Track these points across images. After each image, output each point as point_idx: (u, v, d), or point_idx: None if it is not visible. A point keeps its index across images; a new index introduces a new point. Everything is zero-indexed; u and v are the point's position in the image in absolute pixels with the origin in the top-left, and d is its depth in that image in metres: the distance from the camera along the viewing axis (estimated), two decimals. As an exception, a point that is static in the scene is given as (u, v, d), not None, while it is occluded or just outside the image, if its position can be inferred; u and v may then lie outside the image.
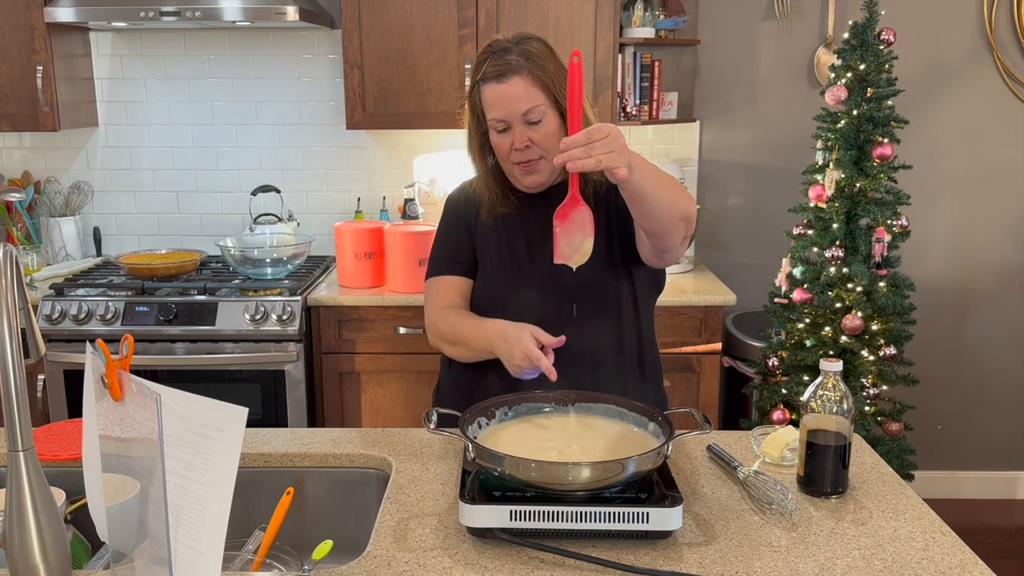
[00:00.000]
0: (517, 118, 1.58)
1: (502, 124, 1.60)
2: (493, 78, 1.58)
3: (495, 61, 1.58)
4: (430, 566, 1.20)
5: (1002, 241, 3.39)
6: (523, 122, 1.58)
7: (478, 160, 1.71)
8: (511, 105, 1.57)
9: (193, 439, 0.96)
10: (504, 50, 1.59)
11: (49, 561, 1.04)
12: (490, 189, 1.71)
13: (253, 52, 3.28)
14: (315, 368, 2.88)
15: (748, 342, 3.04)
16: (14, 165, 3.38)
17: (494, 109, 1.59)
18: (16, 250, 1.32)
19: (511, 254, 1.71)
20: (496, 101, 1.58)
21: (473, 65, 1.65)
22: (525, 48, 1.59)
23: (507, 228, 1.72)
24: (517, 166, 1.63)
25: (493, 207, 1.71)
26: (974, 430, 3.52)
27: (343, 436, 1.65)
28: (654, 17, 3.11)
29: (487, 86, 1.59)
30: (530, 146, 1.59)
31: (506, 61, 1.57)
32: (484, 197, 1.72)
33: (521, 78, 1.57)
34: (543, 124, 1.59)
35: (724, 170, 3.38)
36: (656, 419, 1.40)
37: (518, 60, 1.57)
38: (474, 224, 1.75)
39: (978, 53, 3.26)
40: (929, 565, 1.19)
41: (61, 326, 2.74)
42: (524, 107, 1.57)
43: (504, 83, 1.57)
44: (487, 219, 1.73)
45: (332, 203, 3.40)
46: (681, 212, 1.47)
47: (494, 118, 1.60)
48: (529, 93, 1.57)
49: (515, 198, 1.71)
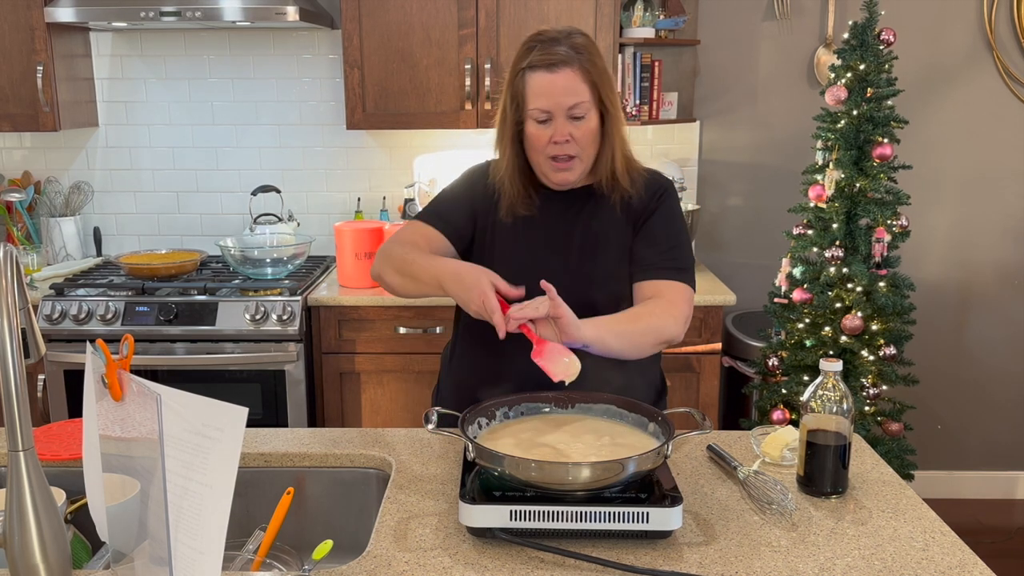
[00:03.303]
0: (562, 111, 1.54)
1: (545, 115, 1.55)
2: (543, 67, 1.54)
3: (545, 50, 1.54)
4: (430, 566, 1.20)
5: (1002, 241, 3.39)
6: (566, 116, 1.55)
7: (509, 151, 1.64)
8: (558, 96, 1.54)
9: (193, 439, 0.96)
10: (553, 40, 1.55)
11: (49, 561, 1.04)
12: (513, 184, 1.65)
13: (253, 52, 3.28)
14: (315, 368, 2.88)
15: (748, 342, 3.04)
16: (14, 165, 3.38)
17: (539, 98, 1.55)
18: (16, 250, 1.32)
19: (530, 256, 1.66)
20: (543, 90, 1.54)
21: (519, 53, 1.60)
22: (575, 42, 1.56)
23: (527, 229, 1.67)
24: (551, 160, 1.59)
25: (513, 206, 1.66)
26: (974, 430, 3.52)
27: (343, 436, 1.65)
28: (654, 17, 3.11)
29: (535, 74, 1.55)
30: (569, 141, 1.56)
31: (557, 52, 1.54)
32: (507, 191, 1.66)
33: (572, 71, 1.53)
34: (585, 121, 1.56)
35: (724, 170, 3.38)
36: (656, 419, 1.40)
37: (569, 52, 1.54)
38: (487, 214, 1.70)
39: (978, 53, 3.26)
40: (929, 565, 1.19)
41: (61, 326, 2.74)
42: (571, 100, 1.54)
43: (554, 73, 1.53)
44: (506, 218, 1.67)
45: (332, 203, 3.40)
46: (654, 345, 1.54)
47: (537, 107, 1.55)
48: (577, 87, 1.54)
49: (537, 198, 1.67)
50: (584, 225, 1.67)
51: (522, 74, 1.57)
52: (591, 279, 1.65)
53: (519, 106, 1.58)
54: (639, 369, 1.64)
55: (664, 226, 1.67)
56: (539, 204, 1.67)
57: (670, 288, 1.62)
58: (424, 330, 2.84)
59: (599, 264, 1.66)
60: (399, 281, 1.64)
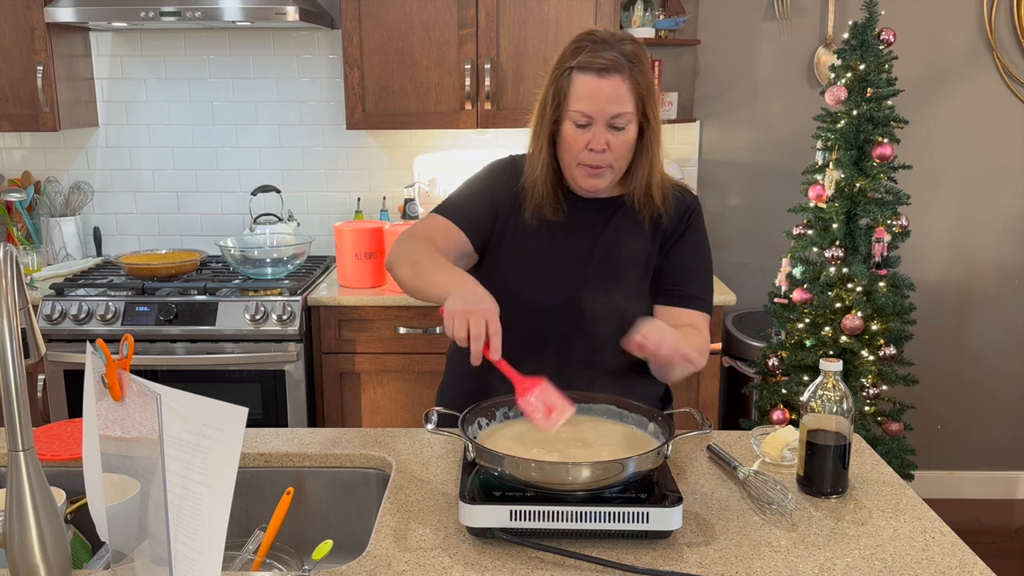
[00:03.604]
0: (604, 118, 1.50)
1: (586, 119, 1.51)
2: (593, 70, 1.49)
3: (597, 52, 1.49)
4: (430, 566, 1.20)
5: (1002, 241, 3.39)
6: (608, 124, 1.51)
7: (545, 151, 1.59)
8: (604, 104, 1.49)
9: (193, 439, 0.96)
10: (605, 42, 1.50)
11: (49, 561, 1.04)
12: (545, 186, 1.60)
13: (253, 52, 3.28)
14: (315, 368, 2.88)
15: (748, 342, 3.04)
16: (14, 165, 3.38)
17: (584, 102, 1.50)
18: (16, 250, 1.32)
19: (551, 262, 1.63)
20: (589, 94, 1.50)
21: (568, 49, 1.54)
22: (628, 49, 1.51)
23: (551, 234, 1.63)
24: (583, 166, 1.55)
25: (541, 208, 1.61)
26: (974, 430, 3.52)
27: (343, 436, 1.65)
28: (654, 17, 3.11)
29: (584, 76, 1.50)
30: (605, 150, 1.52)
31: (610, 57, 1.49)
32: (536, 192, 1.61)
33: (622, 79, 1.49)
34: (625, 132, 1.52)
35: (724, 170, 3.38)
36: (656, 419, 1.40)
37: (620, 59, 1.49)
38: (508, 213, 1.65)
39: (978, 53, 3.26)
40: (929, 565, 1.19)
41: (61, 326, 2.74)
42: (615, 109, 1.50)
43: (604, 79, 1.49)
44: (531, 220, 1.62)
45: (332, 203, 3.40)
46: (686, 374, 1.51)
47: (579, 111, 1.51)
48: (623, 97, 1.50)
49: (565, 203, 1.62)
50: (610, 237, 1.63)
51: (569, 72, 1.52)
52: (612, 293, 1.62)
53: (559, 104, 1.54)
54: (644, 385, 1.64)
55: (693, 251, 1.67)
56: (566, 209, 1.63)
57: (699, 320, 1.63)
58: (424, 330, 2.84)
59: (622, 279, 1.63)
60: (407, 275, 1.56)
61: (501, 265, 1.65)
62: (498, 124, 2.97)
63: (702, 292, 1.67)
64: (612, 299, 1.62)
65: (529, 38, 2.93)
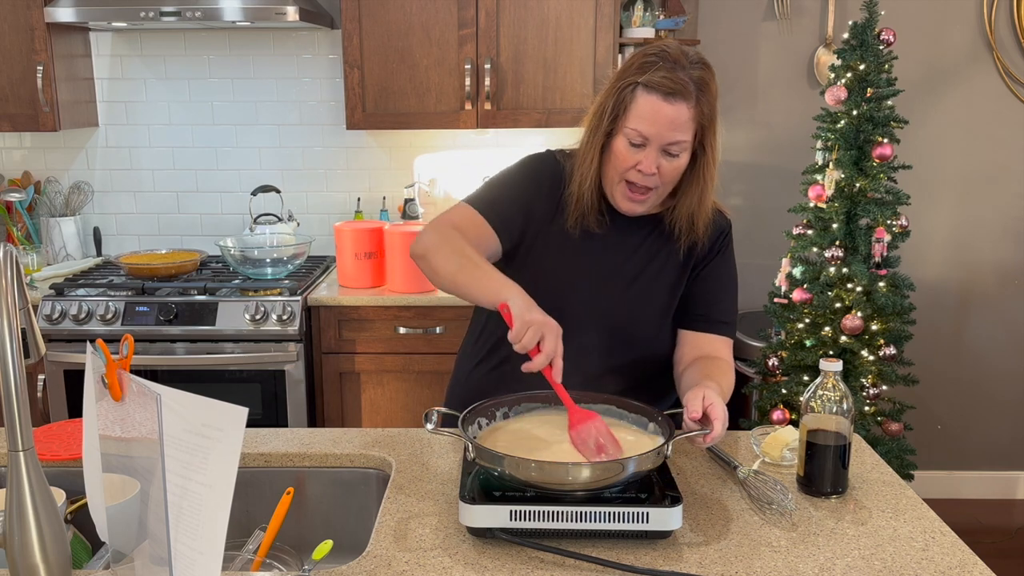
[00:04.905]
0: (660, 143, 1.46)
1: (642, 139, 1.46)
2: (661, 92, 1.43)
3: (669, 73, 1.44)
4: (430, 566, 1.20)
5: (1002, 241, 3.39)
6: (662, 150, 1.47)
7: (596, 163, 1.53)
8: (663, 128, 1.45)
9: (193, 439, 0.96)
10: (677, 63, 1.45)
11: (49, 561, 1.04)
12: (587, 196, 1.56)
13: (253, 52, 3.28)
14: (315, 368, 2.88)
15: (748, 342, 3.04)
16: (14, 165, 3.38)
17: (644, 122, 1.45)
18: (16, 250, 1.32)
19: (583, 272, 1.60)
20: (651, 115, 1.44)
21: (636, 61, 1.48)
22: (697, 75, 1.45)
23: (586, 245, 1.59)
24: (625, 184, 1.52)
25: (585, 218, 1.58)
26: (974, 430, 3.52)
27: (343, 436, 1.65)
28: (654, 17, 3.11)
29: (649, 95, 1.44)
30: (654, 175, 1.48)
31: (680, 81, 1.43)
32: (583, 202, 1.56)
33: (687, 106, 1.44)
34: (678, 159, 1.49)
35: (724, 170, 3.30)
36: (656, 419, 1.40)
37: (690, 86, 1.44)
38: (544, 219, 1.60)
39: (978, 53, 3.26)
40: (929, 565, 1.19)
41: (61, 326, 2.74)
42: (674, 137, 1.46)
43: (669, 103, 1.44)
44: (572, 229, 1.59)
45: (332, 203, 3.40)
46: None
47: (638, 130, 1.46)
48: (685, 126, 1.45)
49: (607, 218, 1.59)
50: (645, 257, 1.61)
51: (634, 88, 1.46)
52: (636, 314, 1.62)
53: (617, 117, 1.49)
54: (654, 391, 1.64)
55: (722, 275, 1.66)
56: (609, 222, 1.59)
57: (723, 347, 1.63)
58: (424, 330, 2.84)
59: (652, 302, 1.62)
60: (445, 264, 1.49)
61: (530, 271, 1.59)
62: (498, 124, 2.97)
63: (728, 316, 1.66)
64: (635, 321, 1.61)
65: (529, 38, 2.93)
